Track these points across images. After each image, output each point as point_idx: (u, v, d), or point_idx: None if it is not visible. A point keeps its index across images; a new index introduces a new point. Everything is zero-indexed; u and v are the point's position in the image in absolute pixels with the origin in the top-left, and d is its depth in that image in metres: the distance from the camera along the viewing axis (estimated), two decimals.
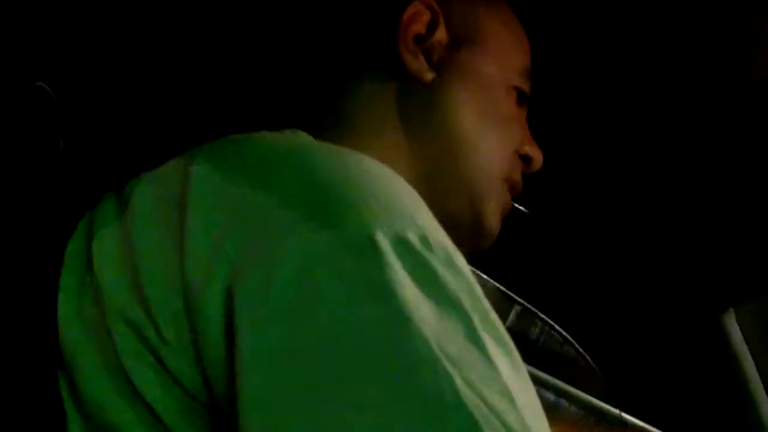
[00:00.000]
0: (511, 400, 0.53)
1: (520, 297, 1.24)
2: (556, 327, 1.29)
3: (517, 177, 0.87)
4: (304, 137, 0.71)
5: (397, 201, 0.60)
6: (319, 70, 0.86)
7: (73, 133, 0.92)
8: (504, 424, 0.51)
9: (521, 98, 0.87)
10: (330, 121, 0.82)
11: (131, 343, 0.59)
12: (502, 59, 0.86)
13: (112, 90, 1.00)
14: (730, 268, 1.26)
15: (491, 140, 0.83)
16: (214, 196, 0.60)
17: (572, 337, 1.26)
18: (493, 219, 0.85)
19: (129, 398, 0.59)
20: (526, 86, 0.87)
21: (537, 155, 0.88)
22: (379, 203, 0.58)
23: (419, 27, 0.82)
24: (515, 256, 1.19)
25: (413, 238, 0.56)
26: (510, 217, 0.89)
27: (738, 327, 1.27)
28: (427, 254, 0.56)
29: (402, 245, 0.56)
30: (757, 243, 1.22)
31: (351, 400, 0.51)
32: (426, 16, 0.82)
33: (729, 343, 1.27)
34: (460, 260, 0.59)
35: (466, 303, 0.56)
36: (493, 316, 0.58)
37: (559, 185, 1.19)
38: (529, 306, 1.28)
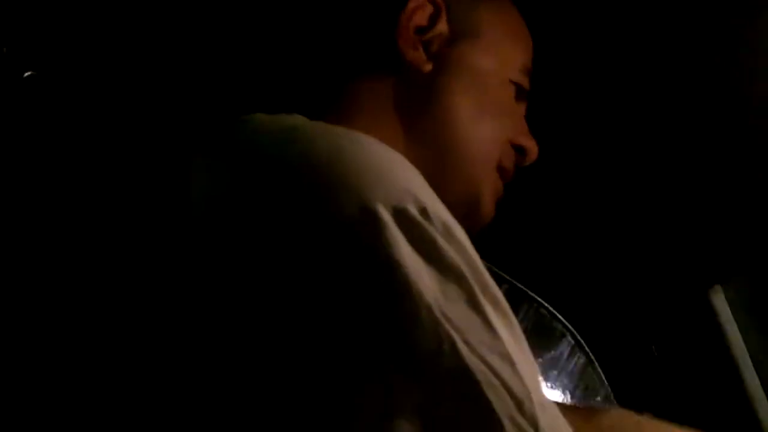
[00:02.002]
0: (512, 364, 0.55)
1: (507, 273, 1.24)
2: (544, 304, 1.29)
3: (509, 165, 0.89)
4: (300, 118, 0.73)
5: (395, 175, 0.61)
6: (321, 59, 0.87)
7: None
8: (504, 385, 0.54)
9: (519, 93, 0.89)
10: (329, 108, 0.83)
11: None
12: (500, 54, 0.88)
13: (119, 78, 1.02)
14: (717, 245, 1.27)
15: (485, 129, 0.85)
16: (221, 178, 0.63)
17: (560, 313, 1.27)
18: (488, 204, 0.87)
19: None
20: (524, 82, 0.89)
21: (532, 146, 0.91)
22: (378, 177, 0.60)
23: (421, 19, 0.83)
24: (504, 235, 1.20)
25: (412, 209, 0.58)
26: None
27: (726, 303, 1.28)
28: (426, 225, 0.58)
29: (402, 216, 0.57)
30: (743, 220, 1.23)
31: (356, 366, 0.53)
32: (428, 9, 0.84)
33: (717, 320, 1.28)
34: (459, 231, 0.60)
35: (466, 271, 0.57)
36: (493, 285, 0.59)
37: (550, 166, 1.20)
38: (516, 283, 1.28)
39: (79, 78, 1.01)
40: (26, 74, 0.92)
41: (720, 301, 1.29)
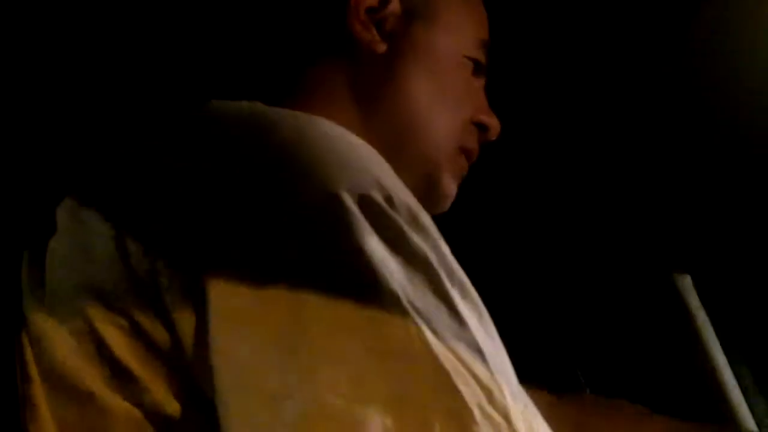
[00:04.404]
0: (480, 352, 0.54)
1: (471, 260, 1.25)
2: None
3: (472, 145, 0.89)
4: (260, 105, 0.71)
5: (359, 161, 0.60)
6: (276, 45, 0.86)
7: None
8: (472, 374, 0.53)
9: (477, 68, 0.88)
10: (287, 93, 0.82)
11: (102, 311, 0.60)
12: (455, 31, 0.87)
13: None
14: (684, 232, 1.28)
15: (443, 111, 0.84)
16: (176, 172, 0.60)
17: (523, 299, 1.27)
18: (448, 184, 0.87)
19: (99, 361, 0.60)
20: (481, 57, 0.88)
21: (493, 123, 0.90)
22: (341, 164, 0.59)
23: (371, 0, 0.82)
24: (472, 219, 1.20)
25: (377, 196, 0.57)
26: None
27: (695, 290, 1.28)
28: (392, 213, 0.57)
29: (366, 203, 0.56)
30: (709, 208, 1.23)
31: (321, 354, 0.51)
32: None
33: (685, 305, 1.28)
34: (426, 219, 0.59)
35: (433, 259, 0.56)
36: (460, 272, 0.58)
37: (518, 148, 1.20)
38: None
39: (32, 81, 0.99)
40: None
41: (687, 287, 1.29)
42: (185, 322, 0.56)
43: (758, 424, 1.21)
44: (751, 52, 1.03)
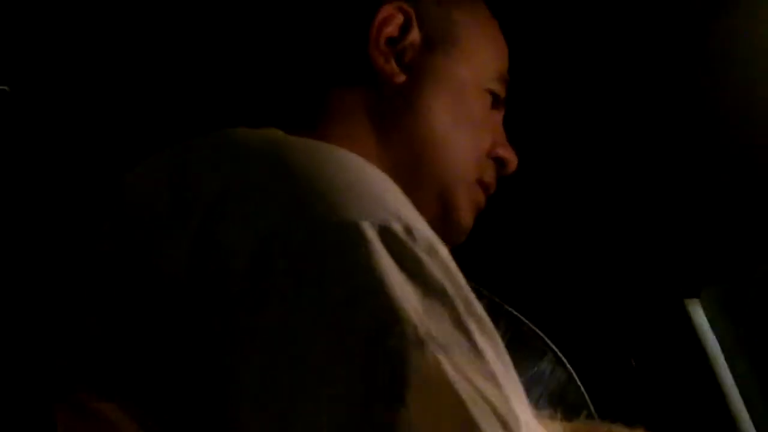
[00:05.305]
0: (497, 384, 0.54)
1: (483, 288, 1.24)
2: (525, 320, 1.29)
3: (490, 179, 0.89)
4: (279, 134, 0.72)
5: (379, 192, 0.61)
6: (295, 73, 0.86)
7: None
8: (490, 405, 0.53)
9: (495, 101, 0.88)
10: (305, 122, 0.82)
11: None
12: (475, 63, 0.87)
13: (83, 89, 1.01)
14: (692, 258, 1.28)
15: (460, 144, 0.84)
16: (209, 192, 0.61)
17: (536, 325, 1.26)
18: (464, 217, 0.87)
19: None
20: (500, 89, 0.88)
21: (511, 158, 0.90)
22: (362, 194, 0.59)
23: (392, 30, 0.83)
24: (480, 248, 1.20)
25: (397, 227, 0.57)
26: None
27: (703, 314, 1.29)
28: (411, 244, 0.57)
29: (387, 235, 0.56)
30: (721, 231, 1.23)
31: (339, 388, 0.52)
32: (399, 19, 0.83)
33: (695, 331, 1.28)
34: (443, 250, 0.60)
35: (451, 291, 0.57)
36: (477, 304, 0.59)
37: (527, 173, 1.20)
38: (495, 298, 1.28)
39: (51, 93, 1.00)
40: None
41: (697, 312, 1.29)
42: (206, 353, 0.56)
43: None
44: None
